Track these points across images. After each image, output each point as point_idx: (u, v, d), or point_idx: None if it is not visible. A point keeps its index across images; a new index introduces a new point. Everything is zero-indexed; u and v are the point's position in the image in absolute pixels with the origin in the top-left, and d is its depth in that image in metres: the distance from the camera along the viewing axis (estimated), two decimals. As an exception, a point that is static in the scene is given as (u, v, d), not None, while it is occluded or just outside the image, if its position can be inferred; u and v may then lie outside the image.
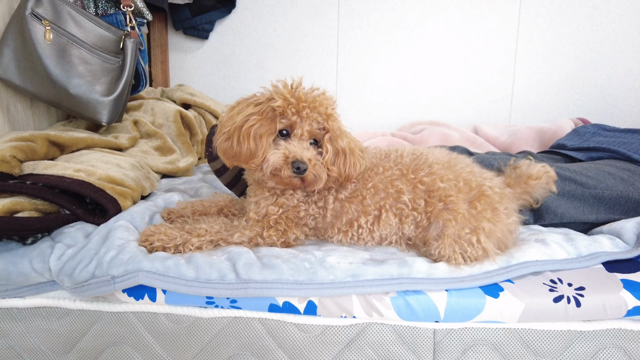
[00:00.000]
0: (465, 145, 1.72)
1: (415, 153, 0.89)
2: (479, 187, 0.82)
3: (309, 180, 0.78)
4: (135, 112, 1.57)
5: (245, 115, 0.79)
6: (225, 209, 0.97)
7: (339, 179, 0.82)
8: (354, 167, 0.82)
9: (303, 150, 0.77)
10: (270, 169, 0.77)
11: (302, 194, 0.85)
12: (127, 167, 1.13)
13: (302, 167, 0.76)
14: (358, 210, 0.84)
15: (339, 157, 0.81)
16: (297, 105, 0.78)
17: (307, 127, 0.78)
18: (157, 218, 0.95)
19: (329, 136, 0.81)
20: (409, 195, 0.83)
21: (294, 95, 0.79)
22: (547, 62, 2.12)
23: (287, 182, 0.79)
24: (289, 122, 0.79)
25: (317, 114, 0.79)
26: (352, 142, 0.84)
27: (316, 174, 0.78)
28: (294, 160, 0.75)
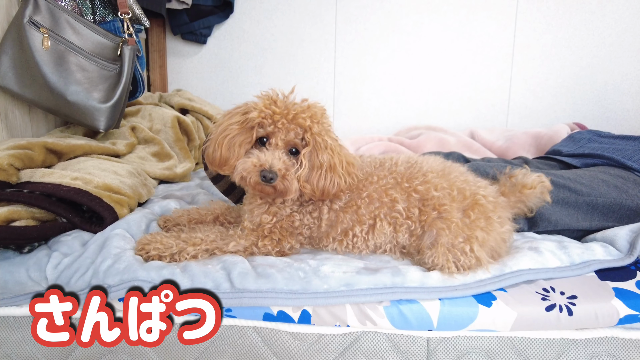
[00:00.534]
0: (461, 150, 1.73)
1: (410, 161, 0.90)
2: (473, 196, 0.83)
3: (280, 190, 0.79)
4: (133, 118, 1.58)
5: (227, 124, 0.81)
6: (221, 217, 0.97)
7: (313, 195, 0.82)
8: (331, 184, 0.81)
9: (274, 159, 0.77)
10: (238, 176, 0.79)
11: (296, 204, 0.85)
12: (124, 174, 1.13)
13: (268, 176, 0.76)
14: (353, 219, 0.85)
15: (315, 172, 0.80)
16: (272, 116, 0.79)
17: (283, 137, 0.79)
18: (154, 226, 0.96)
19: (308, 150, 0.81)
20: (403, 204, 0.83)
21: (272, 106, 0.79)
22: (543, 66, 2.13)
23: (259, 189, 0.80)
24: (266, 131, 0.80)
25: (296, 126, 0.79)
26: (338, 157, 0.82)
27: (286, 185, 0.78)
28: (262, 168, 0.76)
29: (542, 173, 1.04)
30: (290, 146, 0.81)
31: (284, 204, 0.85)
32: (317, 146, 0.81)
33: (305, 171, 0.80)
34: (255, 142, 0.81)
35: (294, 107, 0.80)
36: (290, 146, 0.81)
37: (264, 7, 2.09)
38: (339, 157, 0.83)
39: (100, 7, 1.39)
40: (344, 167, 0.82)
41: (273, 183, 0.77)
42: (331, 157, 0.81)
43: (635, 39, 2.06)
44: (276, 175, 0.76)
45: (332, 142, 0.83)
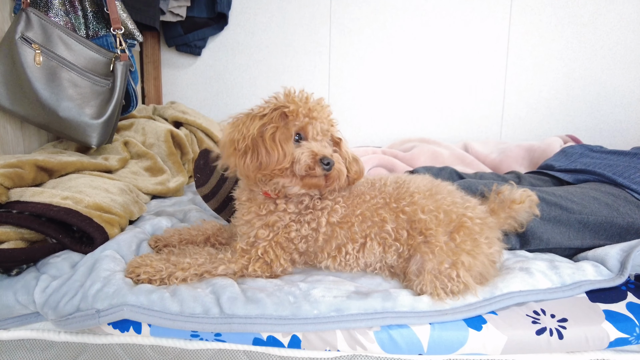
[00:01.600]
0: (455, 163, 1.74)
1: (398, 181, 0.90)
2: (459, 218, 0.83)
3: (332, 177, 0.80)
4: (126, 132, 1.57)
5: (259, 126, 0.79)
6: (213, 237, 0.97)
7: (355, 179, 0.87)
8: (361, 174, 0.88)
9: (324, 148, 0.80)
10: (303, 168, 0.78)
11: (295, 211, 0.85)
12: (115, 191, 1.13)
13: (331, 162, 0.78)
14: (347, 236, 0.85)
15: (348, 162, 0.86)
16: (306, 108, 0.81)
17: (318, 129, 0.81)
18: (144, 246, 0.95)
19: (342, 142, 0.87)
20: (392, 225, 0.83)
21: (301, 99, 0.82)
22: (537, 78, 2.15)
23: (314, 183, 0.80)
24: (300, 125, 0.81)
25: (325, 118, 0.83)
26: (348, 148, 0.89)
27: (339, 169, 0.80)
28: (322, 157, 0.77)
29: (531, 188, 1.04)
30: (325, 137, 0.84)
31: (285, 212, 0.84)
32: (338, 137, 0.87)
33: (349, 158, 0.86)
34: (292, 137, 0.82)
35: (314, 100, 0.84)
36: (325, 137, 0.84)
37: (258, 19, 2.10)
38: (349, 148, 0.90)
39: (94, 22, 1.39)
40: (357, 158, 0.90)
41: (330, 171, 0.78)
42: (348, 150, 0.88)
43: (627, 51, 2.09)
44: (333, 162, 0.78)
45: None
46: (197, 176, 1.06)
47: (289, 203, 0.85)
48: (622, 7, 2.06)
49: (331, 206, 0.85)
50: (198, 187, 1.07)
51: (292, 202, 0.85)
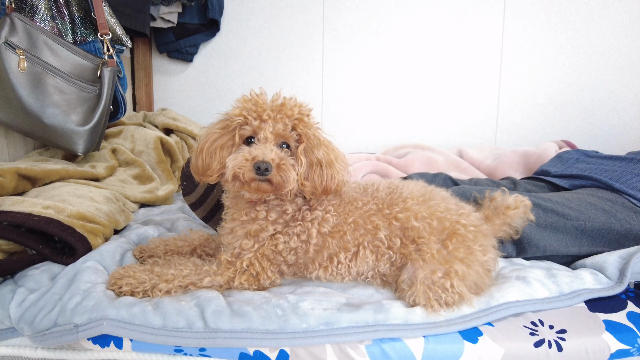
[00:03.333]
0: (449, 169, 1.72)
1: (391, 187, 0.87)
2: (453, 226, 0.80)
3: (277, 183, 0.75)
4: (115, 139, 1.54)
5: (210, 130, 0.79)
6: (199, 248, 0.93)
7: (315, 192, 0.79)
8: (332, 180, 0.79)
9: (266, 151, 0.73)
10: (231, 173, 0.74)
11: (280, 221, 0.82)
12: (101, 200, 1.10)
13: (262, 167, 0.71)
14: (339, 245, 0.82)
15: (314, 169, 0.78)
16: (256, 110, 0.76)
17: (271, 129, 0.75)
18: (129, 257, 0.92)
19: (303, 147, 0.78)
20: (385, 232, 0.81)
21: (254, 102, 0.77)
22: (531, 83, 2.14)
23: (254, 188, 0.75)
24: (252, 128, 0.77)
25: (284, 116, 0.76)
26: (332, 153, 0.80)
27: (283, 176, 0.74)
28: (255, 161, 0.72)
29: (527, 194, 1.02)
30: (280, 139, 0.78)
31: (267, 221, 0.81)
32: (310, 141, 0.78)
33: (304, 168, 0.78)
34: (243, 143, 0.78)
35: (279, 99, 0.78)
36: (281, 140, 0.78)
37: (250, 25, 2.08)
38: (334, 153, 0.81)
39: (81, 27, 1.36)
40: (339, 162, 0.81)
41: (268, 175, 0.72)
42: (327, 153, 0.79)
43: (620, 56, 2.08)
44: (270, 166, 0.72)
45: (324, 138, 0.82)
46: (184, 184, 1.03)
47: (271, 211, 0.81)
48: (614, 13, 2.06)
49: (322, 216, 0.82)
50: (185, 195, 1.04)
51: (273, 210, 0.81)
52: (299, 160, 0.78)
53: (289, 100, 0.79)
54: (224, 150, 0.78)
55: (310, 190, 0.79)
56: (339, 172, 0.79)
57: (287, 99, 0.79)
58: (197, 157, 0.79)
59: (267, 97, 0.80)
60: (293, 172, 0.76)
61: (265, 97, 0.79)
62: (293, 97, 0.80)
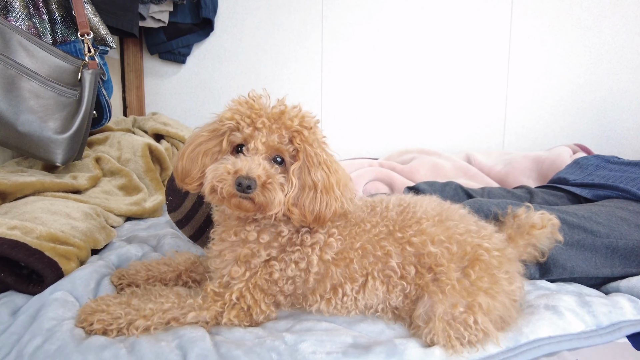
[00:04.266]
0: (458, 175, 1.62)
1: (402, 204, 0.77)
2: (475, 250, 0.70)
3: (259, 202, 0.64)
4: (100, 147, 1.44)
5: (197, 133, 0.71)
6: (185, 274, 0.83)
7: (304, 220, 0.68)
8: (326, 208, 0.67)
9: (252, 165, 0.63)
10: (208, 186, 0.64)
11: (274, 245, 0.71)
12: (78, 216, 0.99)
13: (244, 184, 0.61)
14: (344, 275, 0.71)
15: (306, 193, 0.67)
16: (250, 115, 0.66)
17: (263, 139, 0.65)
18: (106, 284, 0.81)
19: (298, 165, 0.68)
20: (397, 259, 0.70)
21: (250, 105, 0.67)
22: (540, 84, 2.04)
23: (235, 205, 0.64)
24: (243, 135, 0.67)
25: (282, 127, 0.66)
26: (333, 176, 0.69)
27: (267, 197, 0.63)
28: (237, 175, 0.62)
29: (551, 209, 0.92)
30: (273, 153, 0.68)
31: (259, 245, 0.70)
32: (309, 160, 0.67)
33: (294, 191, 0.67)
34: (233, 151, 0.69)
35: (279, 106, 0.68)
36: (274, 153, 0.68)
37: (246, 25, 1.98)
38: (337, 176, 0.69)
39: (62, 27, 1.26)
40: (341, 188, 0.69)
41: (250, 193, 0.63)
42: (327, 176, 0.68)
43: (634, 54, 1.99)
44: (254, 183, 0.62)
45: (328, 157, 0.70)
46: (169, 199, 0.93)
47: (263, 232, 0.71)
48: (627, 9, 1.96)
49: (324, 240, 0.71)
50: (170, 211, 0.93)
51: (266, 231, 0.71)
52: (290, 180, 0.67)
53: (292, 109, 0.69)
54: (207, 156, 0.69)
55: (299, 218, 0.68)
56: (338, 199, 0.68)
57: (288, 107, 0.69)
58: (178, 160, 0.70)
59: (269, 102, 0.69)
60: (280, 194, 0.65)
61: (266, 101, 0.69)
62: (298, 105, 0.70)
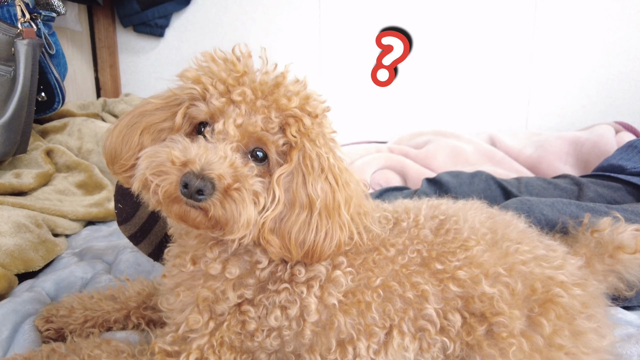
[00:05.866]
0: (481, 161, 1.39)
1: (437, 216, 0.54)
2: (547, 288, 0.48)
3: (215, 217, 0.42)
4: (57, 136, 1.21)
5: (141, 102, 0.50)
6: (136, 313, 0.60)
7: (286, 254, 0.46)
8: (326, 239, 0.45)
9: (212, 156, 0.42)
10: (138, 180, 0.44)
11: (250, 283, 0.48)
12: (6, 229, 0.77)
13: (193, 185, 0.40)
14: (357, 327, 0.48)
15: (295, 214, 0.45)
16: (226, 80, 0.44)
17: (239, 120, 0.44)
18: (27, 330, 0.59)
19: (288, 170, 0.45)
20: (436, 304, 0.48)
21: (228, 66, 0.45)
22: (569, 54, 1.80)
23: (178, 214, 0.43)
24: (210, 109, 0.45)
25: (272, 105, 0.45)
26: (341, 191, 0.46)
27: (228, 210, 0.41)
28: (186, 169, 0.41)
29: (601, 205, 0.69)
30: (252, 143, 0.45)
31: (224, 278, 0.47)
32: (306, 163, 0.45)
33: (277, 209, 0.44)
34: (192, 132, 0.47)
35: (274, 75, 0.46)
36: (254, 144, 0.45)
37: (231, -11, 1.73)
38: (346, 191, 0.47)
39: (-4, -11, 1.01)
40: (351, 210, 0.47)
41: (202, 201, 0.41)
42: (331, 191, 0.45)
43: (681, 17, 1.73)
44: (211, 185, 0.40)
45: (337, 163, 0.47)
46: (119, 207, 0.70)
47: (230, 263, 0.48)
48: (674, -37, 1.69)
49: (326, 274, 0.48)
50: (121, 223, 0.71)
51: (235, 260, 0.48)
52: (271, 190, 0.44)
53: (293, 82, 0.46)
54: (149, 133, 0.47)
55: (278, 252, 0.45)
56: (346, 226, 0.45)
57: (286, 75, 0.46)
58: (107, 137, 0.49)
59: (265, 67, 0.47)
60: (250, 209, 0.42)
61: (255, 65, 0.46)
62: (302, 79, 0.47)
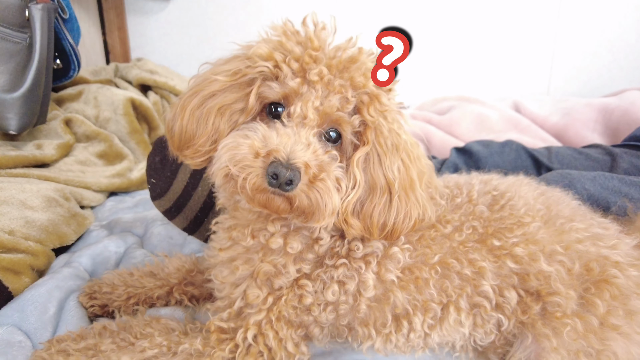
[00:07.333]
0: (506, 128, 1.35)
1: (491, 191, 0.53)
2: (603, 267, 0.47)
3: (301, 207, 0.42)
4: (73, 104, 1.18)
5: (207, 75, 0.46)
6: (178, 289, 0.61)
7: (368, 234, 0.46)
8: (406, 219, 0.45)
9: (296, 143, 0.41)
10: (221, 172, 0.43)
11: (309, 258, 0.48)
12: (38, 204, 0.76)
13: (283, 176, 0.39)
14: (413, 302, 0.49)
15: (376, 197, 0.44)
16: (301, 58, 0.42)
17: (317, 103, 0.42)
18: (73, 306, 0.59)
19: (365, 152, 0.44)
20: (493, 281, 0.47)
21: (304, 40, 0.43)
22: (598, 12, 1.71)
23: (261, 202, 0.42)
24: (284, 90, 0.43)
25: (349, 83, 0.43)
26: (414, 166, 0.46)
27: (314, 200, 0.41)
28: (271, 159, 0.40)
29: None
30: (329, 124, 0.44)
31: (285, 253, 0.47)
32: (380, 143, 0.45)
33: (359, 193, 0.44)
34: (261, 112, 0.46)
35: (350, 48, 0.44)
36: (330, 125, 0.44)
37: (244, -57, 1.63)
38: (418, 166, 0.46)
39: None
40: (423, 185, 0.47)
41: (290, 192, 0.40)
42: (406, 168, 0.45)
43: None
44: (298, 175, 0.40)
45: (408, 138, 0.47)
46: (152, 182, 0.68)
47: (292, 237, 0.47)
48: None
49: (383, 251, 0.48)
50: (155, 198, 0.69)
51: (296, 235, 0.48)
52: (351, 174, 0.43)
53: (367, 54, 0.44)
54: (224, 116, 0.45)
55: (359, 233, 0.45)
56: (420, 203, 0.45)
57: (363, 50, 0.44)
58: (175, 118, 0.46)
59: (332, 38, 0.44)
60: (335, 197, 0.41)
61: (324, 34, 0.44)
62: (375, 51, 0.44)
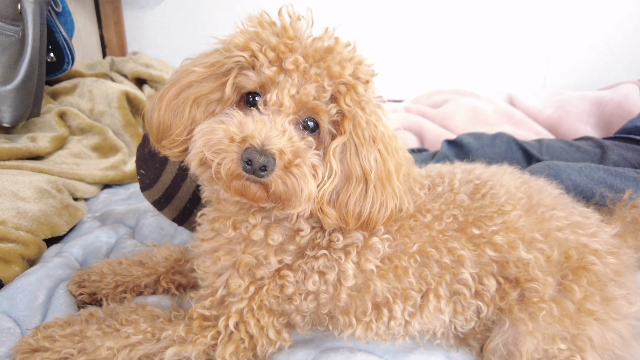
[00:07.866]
0: (500, 121, 1.36)
1: (473, 180, 0.54)
2: (581, 255, 0.48)
3: (277, 193, 0.43)
4: (68, 98, 1.19)
5: (186, 67, 0.47)
6: (166, 278, 0.62)
7: (343, 224, 0.47)
8: (382, 209, 0.46)
9: (272, 131, 0.42)
10: (196, 157, 0.43)
11: (290, 249, 0.49)
12: (30, 196, 0.77)
13: (257, 161, 0.40)
14: (393, 291, 0.49)
15: (352, 187, 0.45)
16: (277, 47, 0.43)
17: (293, 91, 0.43)
18: (62, 295, 0.61)
19: (341, 141, 0.45)
20: (472, 269, 0.48)
21: (279, 30, 0.44)
22: (593, 7, 1.70)
23: (237, 189, 0.43)
24: (260, 78, 0.44)
25: (324, 73, 0.44)
26: (392, 158, 0.47)
27: (290, 186, 0.42)
28: (246, 145, 0.41)
29: None
30: (305, 113, 0.45)
31: (266, 244, 0.49)
32: (357, 134, 0.45)
33: (334, 182, 0.45)
34: (239, 102, 0.47)
35: (326, 39, 0.44)
36: (306, 114, 0.45)
37: (239, -63, 1.63)
38: (396, 159, 0.47)
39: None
40: (400, 178, 0.47)
41: (265, 178, 0.41)
42: (382, 160, 0.46)
43: None
44: (272, 161, 0.41)
45: (386, 131, 0.48)
46: (141, 172, 0.69)
47: (273, 229, 0.48)
48: None
49: (363, 241, 0.49)
50: (144, 189, 0.70)
51: (277, 227, 0.49)
52: (327, 163, 0.44)
53: (345, 45, 0.45)
54: (200, 106, 0.46)
55: (334, 223, 0.46)
56: (397, 195, 0.46)
57: (340, 41, 0.45)
58: (153, 110, 0.47)
59: (309, 29, 0.45)
60: (311, 183, 0.42)
61: (305, 28, 0.45)
62: (352, 41, 0.45)
